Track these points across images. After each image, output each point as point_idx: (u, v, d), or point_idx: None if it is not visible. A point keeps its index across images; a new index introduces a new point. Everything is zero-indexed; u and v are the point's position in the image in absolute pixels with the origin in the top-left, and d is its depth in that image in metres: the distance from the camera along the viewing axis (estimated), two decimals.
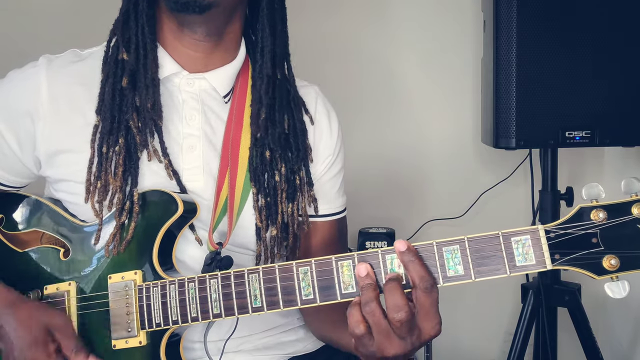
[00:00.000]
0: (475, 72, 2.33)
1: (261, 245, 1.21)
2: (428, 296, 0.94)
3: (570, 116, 1.89)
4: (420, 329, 0.95)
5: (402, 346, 0.95)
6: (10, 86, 1.19)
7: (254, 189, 1.20)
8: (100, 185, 1.13)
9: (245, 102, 1.24)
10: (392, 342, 0.95)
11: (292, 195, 1.23)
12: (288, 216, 1.22)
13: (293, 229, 1.23)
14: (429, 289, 0.93)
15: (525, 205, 2.33)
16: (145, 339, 1.10)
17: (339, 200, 1.34)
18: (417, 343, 0.95)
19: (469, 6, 2.39)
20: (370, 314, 0.94)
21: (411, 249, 0.95)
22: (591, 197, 0.92)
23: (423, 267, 0.95)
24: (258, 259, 1.22)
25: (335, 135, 1.32)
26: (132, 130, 1.14)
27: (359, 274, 0.96)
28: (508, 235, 0.93)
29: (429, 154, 2.51)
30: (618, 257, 0.90)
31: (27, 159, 1.19)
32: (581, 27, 1.87)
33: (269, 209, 1.21)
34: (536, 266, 0.92)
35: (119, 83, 1.15)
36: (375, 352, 0.96)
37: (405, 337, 0.94)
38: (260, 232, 1.21)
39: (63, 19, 2.32)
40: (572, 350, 2.18)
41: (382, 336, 0.95)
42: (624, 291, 0.91)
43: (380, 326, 0.94)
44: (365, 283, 0.96)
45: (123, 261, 1.12)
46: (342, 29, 2.45)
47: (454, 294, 2.53)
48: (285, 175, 1.22)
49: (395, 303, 0.93)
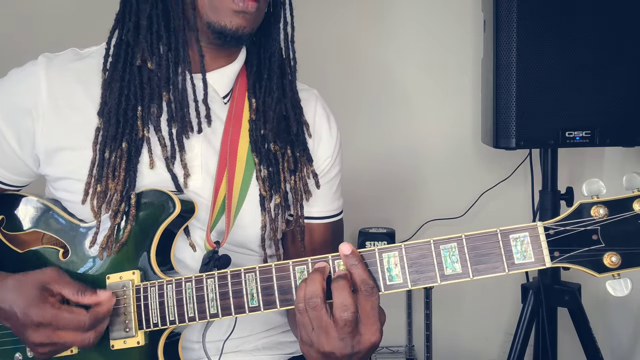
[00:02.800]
0: (475, 72, 2.33)
1: (266, 216, 1.22)
2: (368, 300, 0.94)
3: (570, 116, 1.89)
4: (361, 334, 0.95)
5: (340, 346, 0.95)
6: (10, 84, 1.19)
7: (256, 159, 1.22)
8: (100, 190, 1.14)
9: (245, 102, 1.24)
10: (329, 336, 0.95)
11: (294, 167, 1.24)
12: (291, 187, 1.24)
13: (298, 199, 1.25)
14: (369, 292, 0.94)
15: (525, 206, 2.33)
16: (144, 339, 1.10)
17: (335, 203, 1.35)
18: (357, 348, 0.95)
19: (469, 6, 2.39)
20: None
21: (355, 253, 0.96)
22: (592, 192, 0.90)
23: (365, 271, 0.96)
24: (263, 230, 1.23)
25: (334, 138, 1.33)
26: (135, 135, 1.15)
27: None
28: (506, 233, 0.92)
29: (429, 154, 2.51)
30: (619, 254, 0.89)
31: (27, 157, 1.19)
32: (581, 27, 1.87)
33: (272, 178, 1.22)
34: (535, 264, 0.91)
35: (126, 88, 1.15)
36: (314, 342, 0.96)
37: (345, 337, 0.94)
38: (264, 202, 1.22)
39: (63, 19, 2.33)
40: (572, 350, 2.18)
41: (321, 328, 0.95)
42: (626, 289, 0.90)
43: (319, 316, 0.95)
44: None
45: (121, 261, 1.12)
46: (342, 29, 2.46)
47: (454, 294, 2.55)
48: (285, 152, 1.23)
49: (342, 302, 0.93)
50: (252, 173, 1.22)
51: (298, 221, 1.26)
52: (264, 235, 1.24)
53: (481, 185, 2.45)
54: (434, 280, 0.95)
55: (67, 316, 1.06)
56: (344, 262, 0.97)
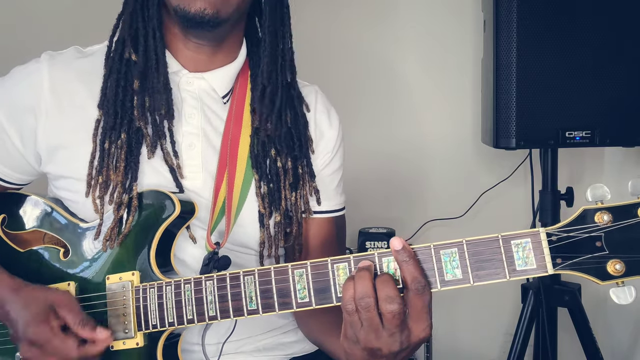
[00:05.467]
0: (475, 72, 2.33)
1: (264, 233, 1.22)
2: (419, 298, 0.92)
3: (570, 116, 1.88)
4: (410, 329, 0.94)
5: (388, 342, 0.93)
6: (13, 82, 1.20)
7: (256, 175, 1.21)
8: (102, 181, 1.14)
9: (245, 102, 1.24)
10: (379, 334, 0.93)
11: (294, 184, 1.23)
12: (292, 204, 1.23)
13: (297, 217, 1.24)
14: (420, 290, 0.92)
15: (525, 206, 2.33)
16: (143, 340, 1.09)
17: (338, 198, 1.34)
18: (405, 344, 0.94)
19: (469, 6, 2.39)
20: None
21: (407, 249, 0.93)
22: (596, 198, 0.88)
23: (417, 268, 0.92)
24: (262, 246, 1.22)
25: (335, 132, 1.33)
26: (134, 126, 1.16)
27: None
28: (508, 238, 0.90)
29: (429, 154, 2.51)
30: (623, 262, 0.87)
31: (29, 155, 1.20)
32: (581, 27, 1.87)
33: (272, 195, 1.22)
34: (537, 270, 0.89)
35: (123, 80, 1.16)
36: (360, 340, 0.95)
37: (394, 332, 0.93)
38: (263, 219, 1.21)
39: (64, 19, 2.32)
40: (572, 350, 2.17)
41: (371, 327, 0.93)
42: (630, 297, 0.88)
43: (371, 317, 0.92)
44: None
45: (121, 262, 1.12)
46: (343, 29, 2.46)
47: (453, 294, 2.51)
48: (287, 164, 1.22)
49: (387, 294, 0.91)
50: (252, 173, 1.22)
51: (297, 239, 1.26)
52: (262, 252, 1.23)
53: (481, 185, 2.44)
54: (433, 286, 0.93)
55: (58, 345, 1.06)
56: (395, 257, 0.93)
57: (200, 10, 1.10)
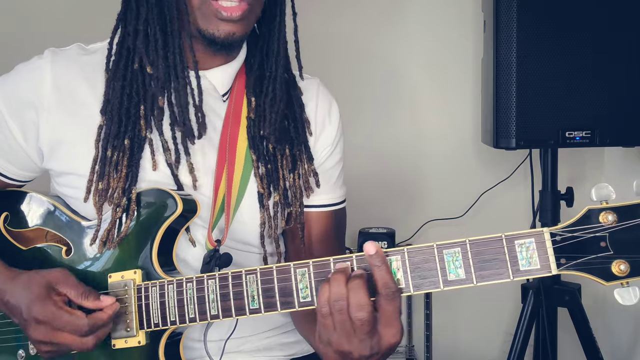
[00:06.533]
0: (475, 72, 2.33)
1: (264, 213, 1.22)
2: (390, 303, 0.93)
3: (570, 116, 1.88)
4: (380, 334, 0.94)
5: (359, 347, 0.94)
6: (16, 78, 1.20)
7: (253, 156, 1.21)
8: (102, 188, 1.14)
9: (243, 100, 1.24)
10: (350, 338, 0.93)
11: (292, 165, 1.24)
12: (290, 184, 1.23)
13: (297, 197, 1.24)
14: (390, 296, 0.92)
15: (525, 206, 2.33)
16: (145, 339, 1.10)
17: (338, 191, 1.34)
18: (376, 349, 0.94)
19: (469, 6, 2.39)
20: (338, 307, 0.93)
21: (380, 254, 0.93)
22: (601, 198, 0.88)
23: (389, 273, 0.93)
24: (262, 227, 1.22)
25: (335, 124, 1.33)
26: (138, 133, 1.15)
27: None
28: (511, 238, 0.90)
29: (429, 154, 2.51)
30: (628, 262, 0.86)
31: (31, 151, 1.20)
32: (581, 27, 1.87)
33: (270, 176, 1.22)
34: (541, 271, 0.89)
35: (128, 87, 1.15)
36: (333, 343, 0.95)
37: (364, 339, 0.93)
38: (262, 199, 1.22)
39: (64, 19, 2.32)
40: (572, 350, 2.18)
41: (344, 330, 0.93)
42: (635, 297, 0.87)
43: (344, 320, 0.93)
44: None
45: (123, 260, 1.12)
46: (344, 29, 2.46)
47: (453, 294, 2.53)
48: (284, 149, 1.23)
49: (357, 302, 0.92)
50: (251, 170, 1.22)
51: (298, 218, 1.26)
52: (263, 233, 1.23)
53: (481, 185, 2.45)
54: (436, 286, 0.93)
55: (66, 317, 1.06)
56: (368, 261, 0.94)
57: (230, 34, 1.12)
